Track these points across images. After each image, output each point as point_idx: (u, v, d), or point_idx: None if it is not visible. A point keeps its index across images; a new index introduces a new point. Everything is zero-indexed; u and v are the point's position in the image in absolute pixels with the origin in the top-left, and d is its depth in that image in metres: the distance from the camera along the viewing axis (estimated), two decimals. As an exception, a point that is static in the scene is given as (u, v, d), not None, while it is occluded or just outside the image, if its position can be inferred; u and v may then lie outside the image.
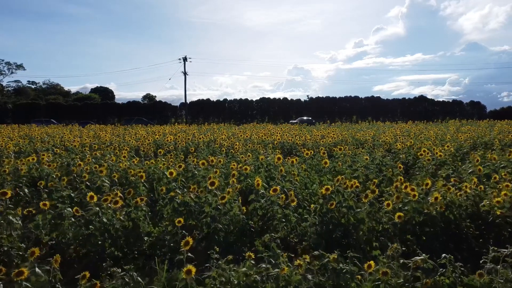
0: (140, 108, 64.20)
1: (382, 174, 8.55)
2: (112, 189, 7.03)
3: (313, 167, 10.34)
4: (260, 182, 6.28)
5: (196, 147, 14.41)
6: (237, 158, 11.71)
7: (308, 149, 13.90)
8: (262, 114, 64.65)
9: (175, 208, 5.77)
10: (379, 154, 10.54)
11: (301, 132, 19.90)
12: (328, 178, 8.26)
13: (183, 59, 47.68)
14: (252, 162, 10.25)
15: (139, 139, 16.76)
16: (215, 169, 7.97)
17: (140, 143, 15.00)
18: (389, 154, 12.44)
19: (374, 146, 13.89)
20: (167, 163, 9.68)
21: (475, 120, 40.00)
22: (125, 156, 10.19)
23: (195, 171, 8.77)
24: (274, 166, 9.54)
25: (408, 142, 12.85)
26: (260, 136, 16.90)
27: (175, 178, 8.20)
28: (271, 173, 9.42)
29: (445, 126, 28.02)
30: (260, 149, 13.12)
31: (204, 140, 16.17)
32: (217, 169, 7.92)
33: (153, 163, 9.23)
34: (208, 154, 13.44)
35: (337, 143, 15.21)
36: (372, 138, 15.80)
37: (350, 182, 5.56)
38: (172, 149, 14.52)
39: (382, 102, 64.82)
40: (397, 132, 18.82)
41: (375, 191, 5.40)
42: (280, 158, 7.94)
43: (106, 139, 16.66)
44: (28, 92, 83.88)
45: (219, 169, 7.97)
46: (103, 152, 12.10)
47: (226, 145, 14.38)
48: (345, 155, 10.08)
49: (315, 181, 8.33)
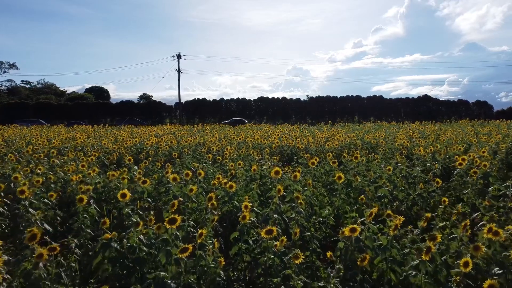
0: (134, 108, 61.98)
1: (415, 193, 6.43)
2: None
3: (320, 178, 8.25)
4: (247, 215, 4.18)
5: (180, 152, 12.30)
6: (226, 166, 9.65)
7: (312, 154, 11.79)
8: (261, 114, 62.43)
9: (110, 259, 3.65)
10: (403, 162, 8.43)
11: (302, 134, 17.77)
12: (343, 198, 6.14)
13: (177, 56, 45.26)
14: (243, 173, 8.18)
15: (117, 142, 14.64)
16: (190, 186, 5.86)
17: (116, 147, 12.87)
18: (408, 161, 10.34)
19: (389, 150, 11.77)
20: (137, 174, 7.58)
21: (484, 120, 37.86)
22: (84, 165, 8.05)
23: (170, 185, 6.66)
24: (270, 179, 7.45)
25: (431, 147, 10.73)
26: (255, 138, 14.77)
27: (134, 198, 6.10)
28: (266, 187, 7.32)
29: (458, 126, 25.90)
30: (255, 155, 11.02)
31: (191, 143, 14.04)
32: (193, 187, 5.82)
33: (113, 176, 7.11)
34: (194, 160, 11.42)
35: (344, 147, 13.10)
36: (385, 141, 13.67)
37: (393, 222, 3.44)
38: (152, 154, 12.43)
39: (384, 102, 62.60)
40: (411, 134, 16.69)
41: (436, 238, 3.26)
42: (278, 172, 5.81)
43: (81, 142, 14.50)
44: (21, 91, 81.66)
45: (195, 185, 5.86)
46: (65, 159, 10.00)
47: (215, 150, 12.26)
48: (361, 165, 7.96)
49: (325, 202, 6.23)
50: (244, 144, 13.86)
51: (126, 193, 4.89)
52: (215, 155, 12.33)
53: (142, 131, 21.66)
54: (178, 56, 45.25)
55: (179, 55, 45.19)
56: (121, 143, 13.53)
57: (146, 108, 62.52)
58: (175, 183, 5.95)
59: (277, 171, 5.82)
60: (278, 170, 5.83)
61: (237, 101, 64.13)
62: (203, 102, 63.32)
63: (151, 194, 7.49)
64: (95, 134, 19.61)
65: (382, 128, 23.35)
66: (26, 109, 56.09)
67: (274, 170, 5.83)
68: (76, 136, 16.40)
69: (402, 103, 62.32)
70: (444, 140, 12.97)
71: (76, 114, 56.89)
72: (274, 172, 5.81)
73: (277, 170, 5.83)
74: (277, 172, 5.82)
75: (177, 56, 45.24)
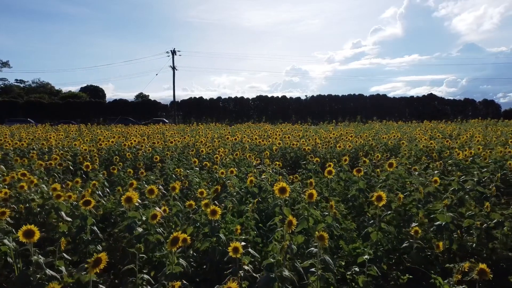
0: (128, 106, 59.93)
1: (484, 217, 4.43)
2: None
3: (337, 190, 6.30)
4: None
5: (164, 155, 10.31)
6: (216, 173, 7.72)
7: (322, 158, 9.82)
8: (259, 114, 60.27)
9: None
10: (438, 169, 6.46)
11: (307, 134, 15.76)
12: (384, 228, 4.14)
13: (171, 52, 42.84)
14: (236, 183, 6.22)
15: (94, 142, 12.64)
16: (152, 211, 3.89)
17: (89, 149, 10.86)
18: (441, 166, 8.38)
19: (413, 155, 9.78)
20: (88, 188, 5.65)
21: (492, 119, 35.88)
22: (25, 174, 6.04)
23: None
24: (272, 194, 5.50)
25: (467, 149, 8.76)
26: (253, 139, 12.76)
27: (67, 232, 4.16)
28: (267, 207, 5.33)
29: (470, 126, 23.90)
30: (253, 159, 9.04)
31: (178, 144, 12.02)
32: (157, 212, 3.87)
33: (55, 190, 5.11)
34: (180, 165, 9.51)
35: (358, 149, 11.12)
36: (406, 142, 11.67)
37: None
38: (130, 158, 10.44)
39: (388, 101, 60.50)
40: (434, 134, 14.70)
41: None
42: (285, 189, 3.81)
43: (51, 144, 12.47)
44: (14, 90, 79.63)
45: (158, 212, 3.88)
46: (14, 164, 8.03)
47: (205, 152, 10.27)
48: (399, 177, 5.98)
49: (354, 235, 4.26)
50: (240, 146, 11.88)
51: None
52: (205, 158, 10.35)
53: (130, 131, 19.65)
54: (172, 52, 42.85)
55: (174, 51, 42.81)
56: (96, 145, 11.53)
57: (141, 107, 60.51)
58: (129, 205, 3.94)
59: (283, 188, 3.82)
60: (284, 187, 3.83)
61: (235, 100, 62.09)
62: (200, 101, 61.27)
63: (110, 214, 5.53)
64: (75, 134, 17.59)
65: (393, 128, 21.36)
66: (15, 108, 53.98)
67: (279, 186, 3.83)
68: (50, 136, 14.38)
69: (406, 102, 60.28)
70: (480, 141, 10.86)
71: (68, 113, 54.91)
72: (279, 189, 3.81)
73: (283, 187, 3.82)
74: (282, 189, 3.82)
75: (171, 52, 42.86)
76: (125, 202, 3.88)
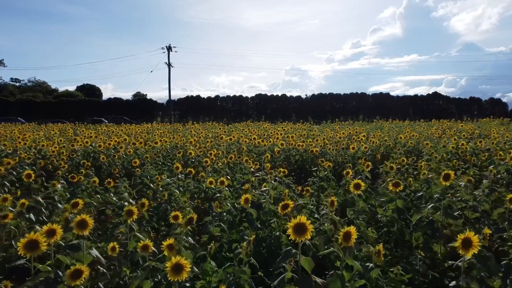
0: (123, 105, 58.18)
1: None
2: None
3: (365, 212, 4.68)
4: None
5: (143, 159, 8.65)
6: (203, 182, 6.15)
7: (335, 163, 8.19)
8: (259, 113, 58.51)
9: None
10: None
11: (313, 133, 14.10)
12: None
13: (167, 48, 40.81)
14: (228, 196, 4.62)
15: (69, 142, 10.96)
16: (73, 267, 2.22)
17: (57, 151, 9.21)
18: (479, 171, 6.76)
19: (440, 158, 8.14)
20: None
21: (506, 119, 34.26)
22: None
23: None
24: (276, 215, 3.91)
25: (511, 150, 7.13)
26: (252, 139, 11.10)
27: None
28: (270, 238, 3.69)
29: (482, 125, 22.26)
30: (251, 163, 7.37)
31: (164, 145, 10.36)
32: (84, 268, 2.17)
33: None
34: (164, 170, 7.96)
35: (375, 150, 9.48)
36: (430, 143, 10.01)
37: None
38: (108, 162, 8.82)
39: (391, 100, 58.70)
40: (454, 133, 13.07)
41: None
42: (304, 227, 2.15)
43: (16, 146, 10.76)
44: (9, 89, 77.92)
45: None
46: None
47: (193, 155, 8.62)
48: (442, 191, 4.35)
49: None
50: (237, 147, 10.23)
51: None
52: (193, 162, 8.72)
53: (116, 130, 17.98)
54: (168, 48, 40.89)
55: (169, 47, 40.82)
56: (67, 146, 9.88)
57: (137, 106, 58.75)
58: (31, 254, 2.29)
59: (302, 226, 2.17)
60: (302, 224, 2.17)
61: (234, 98, 60.36)
62: (197, 99, 59.51)
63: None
64: (55, 133, 15.95)
65: (404, 127, 19.73)
66: (7, 107, 52.22)
67: (295, 223, 2.17)
68: (19, 136, 12.70)
69: (409, 101, 58.51)
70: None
71: (62, 112, 53.15)
72: (295, 228, 2.17)
73: (301, 225, 2.17)
74: (301, 228, 2.17)
75: (167, 48, 40.85)
76: (25, 250, 2.23)
